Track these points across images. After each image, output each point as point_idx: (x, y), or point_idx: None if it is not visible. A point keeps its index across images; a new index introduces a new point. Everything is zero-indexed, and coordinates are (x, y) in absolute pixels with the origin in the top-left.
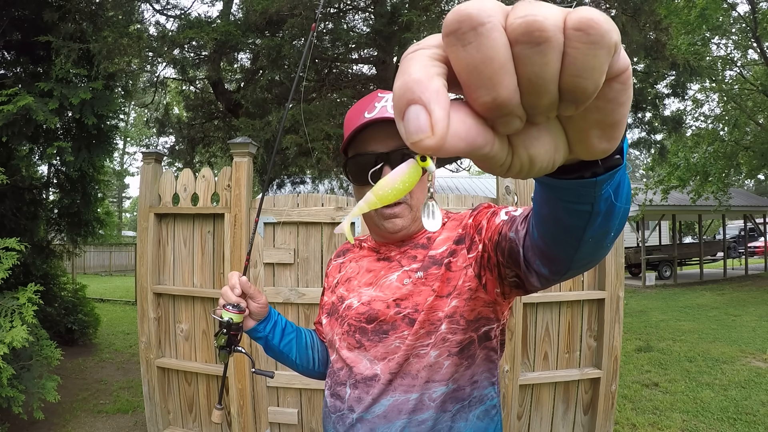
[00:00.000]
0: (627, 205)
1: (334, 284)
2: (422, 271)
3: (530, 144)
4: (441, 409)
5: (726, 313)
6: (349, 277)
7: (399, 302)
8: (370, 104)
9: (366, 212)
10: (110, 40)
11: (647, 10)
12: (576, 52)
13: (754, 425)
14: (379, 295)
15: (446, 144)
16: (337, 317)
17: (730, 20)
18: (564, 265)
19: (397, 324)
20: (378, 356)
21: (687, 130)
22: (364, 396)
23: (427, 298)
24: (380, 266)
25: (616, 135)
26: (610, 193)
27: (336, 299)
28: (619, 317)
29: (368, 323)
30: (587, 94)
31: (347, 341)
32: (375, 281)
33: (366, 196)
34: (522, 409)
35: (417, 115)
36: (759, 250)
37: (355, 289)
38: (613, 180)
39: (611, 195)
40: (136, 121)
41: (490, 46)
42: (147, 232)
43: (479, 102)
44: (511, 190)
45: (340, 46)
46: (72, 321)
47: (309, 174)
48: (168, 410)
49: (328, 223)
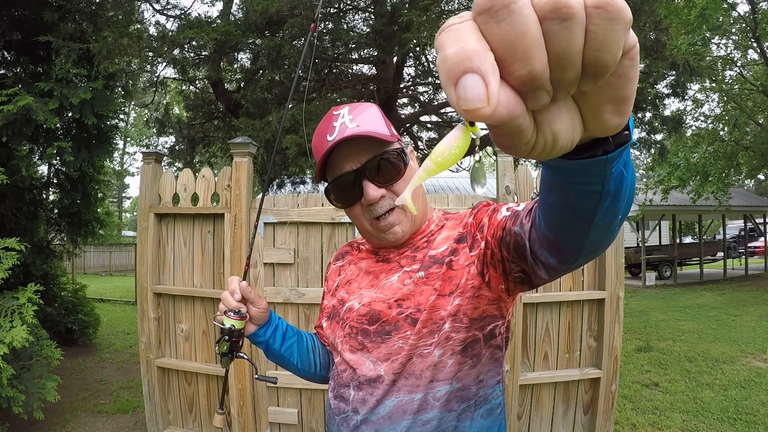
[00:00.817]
0: (633, 185)
1: (334, 288)
2: (423, 270)
3: (553, 120)
4: (446, 408)
5: (726, 313)
6: (349, 279)
7: (401, 302)
8: (329, 126)
9: (363, 227)
10: (110, 40)
11: (647, 10)
12: (597, 28)
13: (754, 425)
14: (379, 296)
15: (495, 113)
16: (338, 320)
17: (730, 20)
18: (573, 253)
19: (400, 324)
20: (381, 357)
21: (687, 130)
22: (368, 397)
23: (429, 297)
24: (380, 268)
25: (627, 110)
26: (620, 169)
27: (336, 302)
28: (619, 317)
29: (370, 324)
30: (607, 67)
31: (349, 343)
32: (375, 283)
33: (424, 164)
34: (522, 409)
35: (475, 84)
36: (759, 250)
37: (355, 291)
38: (621, 157)
39: (621, 172)
40: (136, 121)
41: (523, 22)
42: (147, 232)
43: (515, 75)
44: (510, 189)
45: (340, 46)
46: (72, 321)
47: (309, 174)
48: (168, 410)
49: (328, 223)
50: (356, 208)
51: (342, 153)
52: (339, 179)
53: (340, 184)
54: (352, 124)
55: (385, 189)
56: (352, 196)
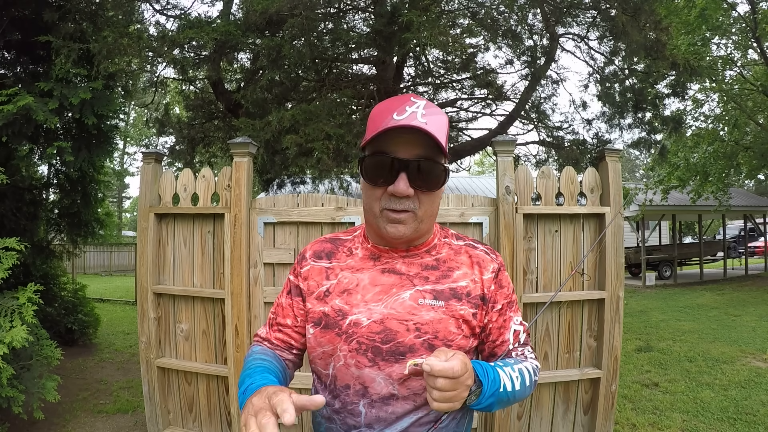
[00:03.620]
0: (515, 397)
1: (324, 293)
2: (442, 300)
3: None
4: (453, 416)
5: (726, 313)
6: (347, 289)
7: (419, 326)
8: (401, 106)
9: (373, 210)
10: (110, 40)
11: (647, 10)
12: None
13: (754, 425)
14: (391, 313)
15: None
16: (340, 332)
17: (730, 20)
18: None
19: (416, 348)
20: (394, 376)
21: (687, 130)
22: (384, 415)
23: (452, 332)
24: (389, 281)
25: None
26: (488, 404)
27: (331, 311)
28: (619, 317)
29: (383, 343)
30: None
31: (357, 359)
32: (384, 297)
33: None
34: (522, 409)
35: None
36: (759, 250)
37: (359, 305)
38: (483, 405)
39: (490, 405)
40: (136, 121)
41: None
42: (147, 232)
43: None
44: (510, 189)
45: (340, 46)
46: (72, 321)
47: (309, 174)
48: (168, 410)
49: (328, 223)
50: (379, 190)
51: (400, 137)
52: (383, 157)
53: (381, 162)
54: (423, 119)
55: (414, 191)
56: (384, 178)
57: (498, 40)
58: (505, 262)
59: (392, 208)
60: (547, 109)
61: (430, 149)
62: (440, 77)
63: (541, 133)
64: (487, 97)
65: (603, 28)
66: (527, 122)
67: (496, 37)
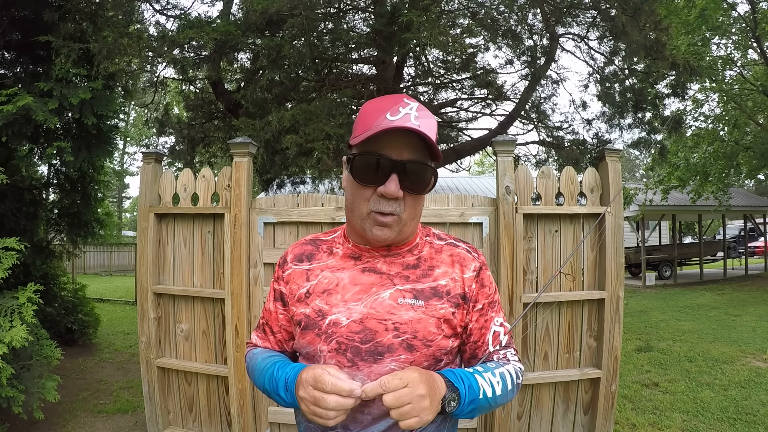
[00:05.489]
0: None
1: (305, 294)
2: (422, 299)
3: None
4: (433, 421)
5: (726, 313)
6: (327, 289)
7: (398, 326)
8: (394, 107)
9: (360, 210)
10: (110, 40)
11: (647, 10)
12: None
13: (754, 425)
14: (371, 313)
15: None
16: (319, 333)
17: (730, 20)
18: None
19: (395, 347)
20: (372, 377)
21: (687, 130)
22: (360, 416)
23: (431, 332)
24: (368, 280)
25: None
26: (469, 410)
27: (312, 312)
28: (619, 317)
29: (362, 343)
30: None
31: (336, 359)
32: (364, 297)
33: None
34: (522, 409)
35: None
36: (759, 250)
37: (338, 304)
38: (465, 412)
39: (472, 411)
40: (136, 121)
41: None
42: (147, 232)
43: None
44: (510, 189)
45: (340, 46)
46: (72, 321)
47: (309, 174)
48: (168, 410)
49: (328, 223)
50: (368, 190)
51: (393, 138)
52: (373, 157)
53: (371, 161)
54: (416, 120)
55: (403, 193)
56: (374, 178)
57: (498, 40)
58: (505, 262)
59: (380, 210)
60: (547, 109)
61: (421, 152)
62: (440, 77)
63: (541, 133)
64: (487, 97)
65: (603, 28)
66: (527, 122)
67: (496, 37)
